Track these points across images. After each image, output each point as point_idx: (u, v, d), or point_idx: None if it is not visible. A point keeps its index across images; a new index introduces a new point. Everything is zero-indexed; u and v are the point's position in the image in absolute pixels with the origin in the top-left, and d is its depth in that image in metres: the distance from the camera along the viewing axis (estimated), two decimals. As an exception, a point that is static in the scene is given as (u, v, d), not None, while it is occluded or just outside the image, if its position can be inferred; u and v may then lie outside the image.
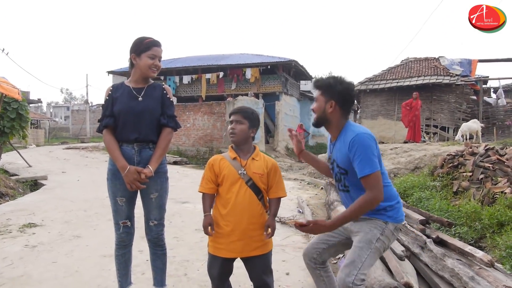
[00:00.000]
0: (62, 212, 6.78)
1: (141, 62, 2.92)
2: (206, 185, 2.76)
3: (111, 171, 2.97)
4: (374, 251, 2.41)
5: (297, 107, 27.68)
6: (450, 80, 19.25)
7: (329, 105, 2.53)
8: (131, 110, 2.91)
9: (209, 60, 26.08)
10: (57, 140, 38.86)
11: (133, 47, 2.95)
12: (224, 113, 18.66)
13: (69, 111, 61.51)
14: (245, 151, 2.81)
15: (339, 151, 2.54)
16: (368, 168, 2.33)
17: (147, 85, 3.02)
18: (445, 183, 7.82)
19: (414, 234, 4.29)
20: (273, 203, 2.80)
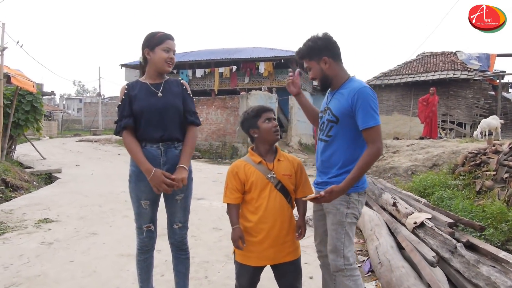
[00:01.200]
0: (77, 207, 6.71)
1: (155, 56, 2.78)
2: (231, 195, 2.60)
3: (134, 173, 2.82)
4: (348, 227, 2.46)
5: (310, 102, 27.37)
6: (467, 75, 18.89)
7: (323, 62, 2.51)
8: (153, 107, 2.76)
9: (222, 53, 25.91)
10: (70, 132, 39.09)
11: (145, 42, 2.82)
12: (237, 107, 18.51)
13: (82, 103, 61.93)
14: (269, 152, 2.66)
15: (338, 99, 2.49)
16: (372, 120, 2.33)
17: (164, 80, 2.89)
18: (467, 182, 7.60)
19: (443, 237, 4.11)
20: (301, 203, 2.70)
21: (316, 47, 2.49)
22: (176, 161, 2.81)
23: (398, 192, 6.59)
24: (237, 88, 23.90)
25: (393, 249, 4.16)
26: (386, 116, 20.34)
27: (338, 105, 2.47)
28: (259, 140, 2.65)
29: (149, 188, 2.76)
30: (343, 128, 2.46)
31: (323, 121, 2.60)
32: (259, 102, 18.81)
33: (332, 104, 2.54)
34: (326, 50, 2.49)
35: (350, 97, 2.39)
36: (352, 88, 2.41)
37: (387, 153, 11.88)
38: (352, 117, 2.40)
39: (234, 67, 24.10)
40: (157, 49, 2.77)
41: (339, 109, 2.46)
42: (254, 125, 2.64)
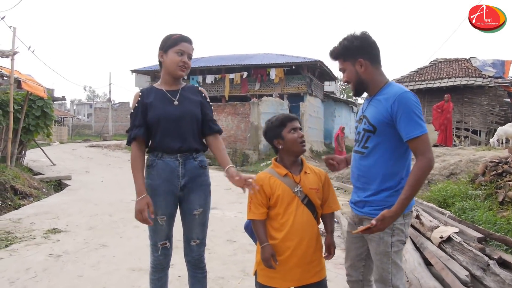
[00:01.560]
0: (86, 216, 6.53)
1: (167, 59, 2.59)
2: (257, 210, 2.38)
3: (151, 187, 2.61)
4: (395, 256, 2.21)
5: (321, 109, 27.18)
6: (482, 81, 18.58)
7: (358, 65, 2.24)
8: (170, 115, 2.57)
9: (233, 59, 25.79)
10: (80, 138, 39.25)
11: (161, 44, 2.63)
12: (248, 114, 18.33)
13: (92, 108, 62.07)
14: (295, 164, 2.45)
15: (375, 107, 2.24)
16: (418, 129, 2.05)
17: (181, 87, 2.69)
18: (488, 192, 7.31)
19: (473, 253, 3.87)
20: (328, 219, 2.50)
21: (352, 47, 2.22)
22: (195, 173, 2.64)
23: (419, 204, 6.33)
24: (248, 95, 23.73)
25: (421, 266, 3.91)
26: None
27: (375, 112, 2.22)
28: (284, 151, 2.44)
29: (166, 203, 2.59)
30: (381, 139, 2.20)
31: (359, 131, 2.35)
32: (270, 109, 18.63)
33: (368, 112, 2.28)
34: (362, 51, 2.23)
35: (389, 104, 2.13)
36: (391, 94, 2.15)
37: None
38: (392, 126, 2.14)
39: (245, 73, 23.94)
40: (170, 52, 2.58)
41: (376, 117, 2.21)
42: (278, 136, 2.43)
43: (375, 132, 2.22)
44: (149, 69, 26.79)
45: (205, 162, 2.77)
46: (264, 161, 17.06)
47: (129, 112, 2.75)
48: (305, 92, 23.19)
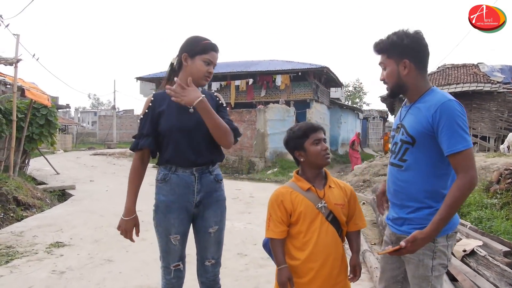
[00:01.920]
0: (91, 228, 6.32)
1: (194, 66, 2.36)
2: (276, 228, 2.17)
3: (163, 203, 2.40)
4: (435, 281, 1.99)
5: (327, 115, 26.96)
6: (491, 87, 18.32)
7: (402, 66, 2.01)
8: (184, 125, 2.36)
9: (238, 66, 25.61)
10: (84, 146, 39.20)
11: (186, 46, 2.40)
12: (254, 121, 18.12)
13: (96, 116, 62.18)
14: (318, 177, 2.23)
15: (414, 115, 2.01)
16: (462, 143, 1.83)
17: None
18: (504, 200, 7.07)
19: (500, 268, 3.64)
20: (354, 237, 2.29)
21: (401, 44, 1.99)
22: (211, 188, 2.44)
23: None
24: (254, 101, 23.55)
25: (446, 283, 3.67)
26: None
27: (415, 122, 1.99)
28: (306, 164, 2.23)
29: (180, 220, 2.39)
30: (421, 151, 1.97)
31: (396, 141, 2.12)
32: (277, 116, 18.43)
33: (406, 121, 2.05)
34: (411, 52, 1.99)
35: (431, 114, 1.90)
36: (434, 102, 1.92)
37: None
38: (433, 137, 1.91)
39: (251, 80, 23.76)
40: (197, 58, 2.36)
41: (415, 127, 1.98)
42: (300, 147, 2.22)
43: (414, 144, 1.99)
44: (154, 76, 26.66)
45: (221, 175, 2.57)
46: (270, 169, 16.84)
47: (133, 120, 2.56)
48: (312, 98, 22.98)
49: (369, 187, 11.35)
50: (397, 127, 2.14)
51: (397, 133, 2.12)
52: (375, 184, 8.30)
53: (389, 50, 2.03)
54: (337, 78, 26.87)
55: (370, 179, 12.01)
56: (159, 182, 2.43)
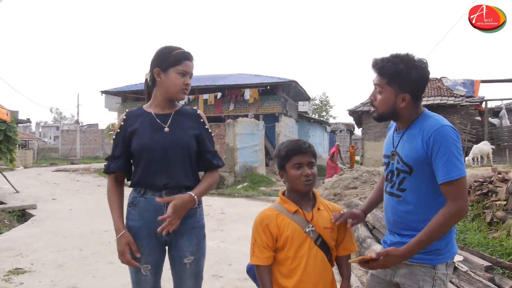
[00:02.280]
0: (54, 251, 5.91)
1: (168, 80, 2.17)
2: (261, 254, 1.99)
3: (131, 229, 2.17)
4: None
5: (296, 129, 27.08)
6: (454, 101, 18.90)
7: (400, 98, 1.89)
8: (156, 145, 2.15)
9: (206, 80, 25.42)
10: (46, 161, 38.02)
11: (157, 59, 2.20)
12: (223, 135, 17.90)
13: (59, 131, 60.49)
14: (305, 199, 2.07)
15: (408, 143, 1.92)
16: (455, 171, 1.74)
17: (174, 110, 2.26)
18: (475, 212, 7.14)
19: (482, 284, 3.60)
20: (345, 262, 2.13)
21: (406, 78, 1.85)
22: (185, 214, 2.18)
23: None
24: (222, 115, 23.38)
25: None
26: (374, 142, 20.12)
27: (410, 150, 1.88)
28: (287, 186, 2.09)
29: (150, 248, 2.16)
30: (420, 180, 1.86)
31: (391, 169, 1.99)
32: (246, 130, 18.29)
33: (401, 149, 1.94)
34: (414, 87, 1.88)
35: (425, 140, 1.81)
36: (427, 128, 1.82)
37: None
38: (430, 164, 1.82)
39: (219, 93, 23.61)
40: (171, 72, 2.16)
41: (411, 155, 1.87)
42: (282, 168, 2.07)
43: (412, 173, 1.87)
44: (120, 90, 26.12)
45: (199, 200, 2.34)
46: (240, 183, 16.61)
47: (98, 134, 2.34)
48: (280, 112, 23.02)
49: (340, 200, 11.29)
50: (391, 154, 2.01)
51: (392, 161, 2.00)
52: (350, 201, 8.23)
53: (391, 79, 1.88)
54: (305, 92, 27.10)
55: (341, 193, 11.99)
56: (129, 206, 2.23)
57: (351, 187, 12.05)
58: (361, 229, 6.22)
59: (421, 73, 1.87)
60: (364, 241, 5.70)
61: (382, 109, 1.93)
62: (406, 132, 1.92)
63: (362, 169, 13.60)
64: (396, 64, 1.86)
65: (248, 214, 9.42)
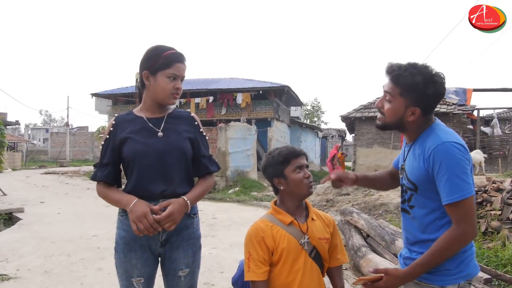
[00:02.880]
0: (41, 257, 5.75)
1: (157, 85, 2.05)
2: (258, 269, 1.87)
3: (124, 240, 2.05)
4: None
5: (288, 134, 27.04)
6: (447, 109, 18.94)
7: (410, 112, 1.77)
8: (150, 151, 2.03)
9: (198, 84, 25.31)
10: (35, 164, 37.65)
11: (146, 61, 2.07)
12: (215, 139, 17.78)
13: (48, 133, 59.97)
14: (299, 209, 1.99)
15: (413, 159, 1.81)
16: (458, 192, 1.61)
17: (166, 113, 2.15)
18: (469, 222, 7.11)
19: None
20: (337, 273, 2.04)
21: (421, 93, 1.73)
22: (181, 225, 2.08)
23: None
24: (214, 119, 23.26)
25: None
26: (366, 149, 20.09)
27: (414, 168, 1.78)
28: (286, 193, 1.97)
29: (143, 261, 2.04)
30: (426, 197, 1.76)
31: (402, 184, 1.90)
32: (238, 134, 18.19)
33: (407, 164, 1.85)
34: (426, 103, 1.76)
35: (425, 159, 1.71)
36: (427, 146, 1.71)
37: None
38: (435, 183, 1.71)
39: (211, 97, 23.49)
40: (160, 75, 2.03)
41: (415, 173, 1.77)
42: (280, 174, 1.96)
43: (417, 191, 1.78)
44: (110, 93, 25.88)
45: (195, 209, 2.22)
46: (232, 188, 16.49)
47: (87, 137, 2.21)
48: (272, 117, 22.96)
49: (332, 206, 11.24)
50: (401, 168, 1.93)
51: (401, 175, 1.92)
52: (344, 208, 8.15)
53: (405, 90, 1.75)
54: (297, 97, 27.09)
55: (333, 199, 11.93)
56: (120, 215, 2.10)
57: (344, 193, 11.97)
58: (356, 237, 6.13)
59: (438, 89, 1.74)
60: (359, 250, 5.61)
61: (390, 118, 1.82)
62: (413, 146, 1.83)
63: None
64: (414, 76, 1.72)
65: (240, 220, 9.32)
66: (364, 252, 5.36)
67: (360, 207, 9.78)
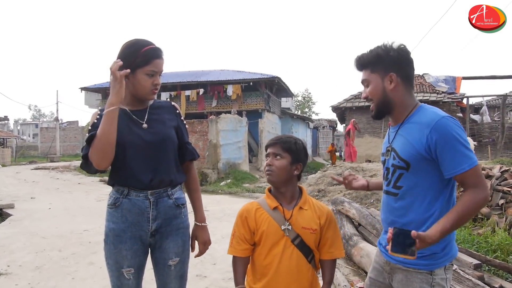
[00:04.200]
0: (32, 252, 5.71)
1: (135, 82, 2.01)
2: (238, 246, 2.00)
3: (113, 232, 2.03)
4: None
5: (279, 125, 27.03)
6: (437, 97, 19.04)
7: (387, 80, 1.81)
8: (138, 141, 2.01)
9: (189, 76, 25.18)
10: (25, 159, 37.33)
11: (124, 58, 1.98)
12: (206, 131, 17.74)
13: (38, 128, 59.40)
14: (288, 196, 2.03)
15: (404, 137, 1.80)
16: (467, 161, 1.63)
17: (149, 105, 2.14)
18: (459, 209, 7.18)
19: (472, 283, 3.51)
20: (328, 266, 2.05)
21: (386, 57, 1.79)
22: (170, 215, 2.10)
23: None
24: (205, 112, 23.19)
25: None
26: (357, 138, 20.07)
27: (406, 145, 1.76)
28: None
29: (133, 252, 2.03)
30: (417, 176, 1.74)
31: (387, 167, 1.88)
32: (229, 126, 18.16)
33: (397, 144, 1.82)
34: (397, 66, 1.80)
35: (425, 135, 1.68)
36: (426, 121, 1.70)
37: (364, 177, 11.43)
38: (430, 160, 1.70)
39: (201, 90, 23.40)
40: (138, 73, 1.99)
41: (408, 151, 1.75)
42: None
43: (409, 169, 1.76)
44: (100, 87, 25.68)
45: (183, 199, 2.22)
46: (223, 180, 16.48)
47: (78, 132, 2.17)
48: (263, 108, 22.92)
49: (324, 196, 11.27)
50: (387, 150, 1.90)
51: (387, 157, 1.89)
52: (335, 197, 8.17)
53: (373, 64, 1.83)
54: (288, 88, 27.05)
55: (325, 189, 11.96)
56: (109, 207, 2.08)
57: (335, 183, 12.01)
58: (347, 226, 6.15)
59: (401, 52, 1.80)
60: (350, 239, 5.63)
61: (376, 99, 1.83)
62: (402, 126, 1.82)
63: (346, 165, 13.59)
64: (373, 51, 1.83)
65: (232, 212, 9.31)
66: (355, 241, 5.38)
67: (352, 196, 9.81)
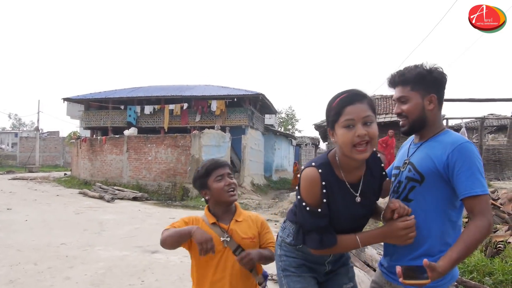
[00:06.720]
0: (6, 266, 5.60)
1: (338, 139, 1.77)
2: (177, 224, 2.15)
3: (296, 263, 2.01)
4: None
5: (262, 141, 27.09)
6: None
7: (427, 100, 1.89)
8: (346, 215, 1.87)
9: (173, 90, 25.12)
10: (3, 169, 36.63)
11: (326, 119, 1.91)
12: (189, 146, 17.72)
13: (17, 137, 58.34)
14: (227, 212, 2.22)
15: (425, 153, 1.87)
16: (480, 187, 1.71)
17: (363, 171, 1.89)
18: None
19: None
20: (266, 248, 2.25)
21: (429, 78, 1.87)
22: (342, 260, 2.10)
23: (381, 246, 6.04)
24: (188, 126, 23.11)
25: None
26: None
27: (426, 160, 1.83)
28: (212, 202, 2.23)
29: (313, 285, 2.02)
30: (429, 192, 1.80)
31: (400, 180, 1.93)
32: (212, 142, 18.16)
33: (415, 158, 1.89)
34: (437, 88, 1.89)
35: (446, 153, 1.78)
36: (450, 141, 1.80)
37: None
38: (443, 179, 1.77)
39: (185, 104, 23.33)
40: (337, 128, 1.78)
41: (426, 165, 1.82)
42: (204, 186, 2.21)
43: (422, 183, 1.82)
44: (83, 98, 25.42)
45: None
46: (205, 196, 16.41)
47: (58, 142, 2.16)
48: (247, 125, 22.97)
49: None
50: (403, 164, 1.96)
51: (403, 170, 1.94)
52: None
53: (415, 83, 1.89)
54: (272, 105, 27.19)
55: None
56: (288, 244, 2.05)
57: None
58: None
59: (440, 73, 1.89)
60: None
61: (413, 115, 1.90)
62: (425, 143, 1.90)
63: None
64: (413, 70, 1.90)
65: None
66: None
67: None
